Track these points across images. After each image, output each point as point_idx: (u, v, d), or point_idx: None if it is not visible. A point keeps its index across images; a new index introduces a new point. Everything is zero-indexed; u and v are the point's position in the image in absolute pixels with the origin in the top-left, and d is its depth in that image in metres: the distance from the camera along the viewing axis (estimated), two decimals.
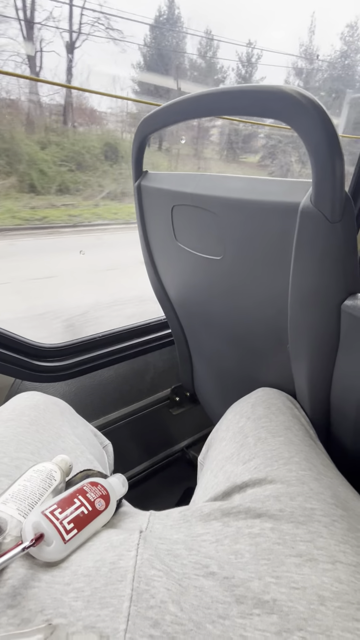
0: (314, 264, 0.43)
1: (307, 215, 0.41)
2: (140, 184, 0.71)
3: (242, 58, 6.61)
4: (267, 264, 0.51)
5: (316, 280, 0.44)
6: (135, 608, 0.28)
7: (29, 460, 0.44)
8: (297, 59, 7.01)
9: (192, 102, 0.50)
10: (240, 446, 0.49)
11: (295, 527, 0.35)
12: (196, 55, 5.39)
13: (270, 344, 0.60)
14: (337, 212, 0.39)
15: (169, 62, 4.91)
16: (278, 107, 0.39)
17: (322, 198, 0.39)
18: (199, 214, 0.58)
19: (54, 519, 0.33)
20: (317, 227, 0.40)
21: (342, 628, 0.27)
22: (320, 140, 0.37)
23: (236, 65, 6.54)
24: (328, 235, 0.40)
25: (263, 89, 0.40)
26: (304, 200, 0.41)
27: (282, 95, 0.38)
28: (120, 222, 3.15)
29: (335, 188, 0.38)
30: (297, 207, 0.41)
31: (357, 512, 0.38)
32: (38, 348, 0.85)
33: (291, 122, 0.39)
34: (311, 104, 0.37)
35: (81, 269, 2.30)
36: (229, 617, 0.29)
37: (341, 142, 0.37)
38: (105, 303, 1.80)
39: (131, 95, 4.20)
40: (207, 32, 5.58)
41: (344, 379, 0.50)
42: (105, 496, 0.38)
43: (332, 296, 0.45)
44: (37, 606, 0.28)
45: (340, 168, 0.37)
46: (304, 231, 0.42)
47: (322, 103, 0.37)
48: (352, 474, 0.47)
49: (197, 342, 0.88)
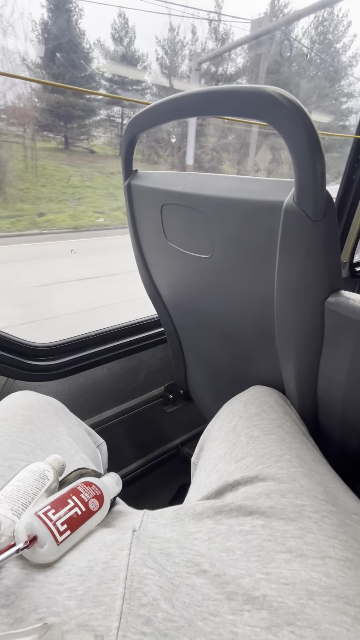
0: (298, 261, 0.44)
1: (290, 214, 0.41)
2: (130, 183, 0.71)
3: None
4: (254, 262, 0.51)
5: (300, 277, 0.45)
6: (127, 606, 0.28)
7: (22, 460, 0.44)
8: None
9: (179, 102, 0.51)
10: (233, 445, 0.49)
11: (285, 524, 0.35)
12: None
13: (259, 341, 0.61)
14: (319, 211, 0.40)
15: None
16: (260, 108, 0.40)
17: (304, 197, 0.40)
18: (187, 213, 0.58)
19: (48, 520, 0.33)
20: (300, 225, 0.41)
21: (330, 622, 0.28)
22: (301, 140, 0.38)
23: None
24: (311, 234, 0.41)
25: (246, 89, 0.41)
26: (287, 200, 0.41)
27: (263, 96, 0.39)
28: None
29: (316, 187, 0.39)
30: (281, 206, 0.42)
31: (347, 507, 0.39)
32: (31, 347, 0.85)
33: (273, 123, 0.39)
34: (292, 105, 0.37)
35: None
36: (220, 614, 0.29)
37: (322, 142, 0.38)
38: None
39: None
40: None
41: (329, 374, 0.51)
42: (99, 496, 0.38)
43: (316, 293, 0.46)
44: (31, 605, 0.28)
45: (321, 168, 0.38)
46: (287, 230, 0.43)
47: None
48: (341, 468, 0.48)
49: (190, 340, 0.88)
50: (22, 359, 0.82)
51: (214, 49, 6.17)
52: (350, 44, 7.31)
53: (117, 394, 1.02)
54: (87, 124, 5.78)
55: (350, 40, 7.26)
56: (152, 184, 0.65)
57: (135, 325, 1.02)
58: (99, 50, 5.32)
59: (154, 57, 6.13)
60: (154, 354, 1.06)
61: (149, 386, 1.10)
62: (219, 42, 6.15)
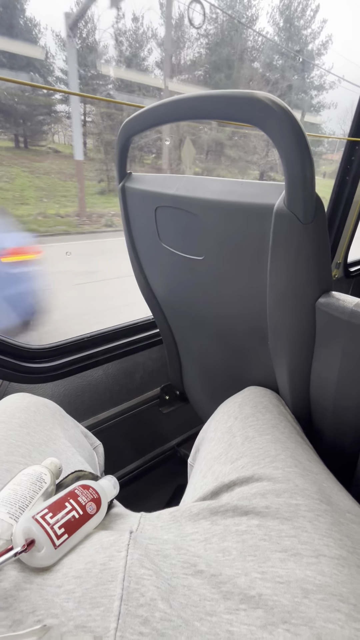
0: (289, 263, 0.45)
1: (281, 216, 0.42)
2: (124, 186, 0.71)
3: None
4: (246, 264, 0.52)
5: (291, 279, 0.46)
6: (125, 607, 0.28)
7: (19, 463, 0.44)
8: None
9: (171, 106, 0.51)
10: (229, 446, 0.50)
11: (280, 523, 0.36)
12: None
13: (253, 341, 0.62)
14: (309, 214, 0.41)
15: None
16: (250, 113, 0.40)
17: (294, 200, 0.40)
18: (181, 215, 0.59)
19: (45, 524, 0.33)
20: (291, 228, 0.42)
21: (324, 619, 0.28)
22: (290, 144, 0.38)
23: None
24: (301, 236, 0.42)
25: (237, 94, 0.41)
26: (277, 202, 0.42)
27: (254, 101, 0.39)
28: None
29: (306, 190, 0.40)
30: (272, 209, 0.43)
31: (341, 506, 0.39)
32: (25, 349, 0.84)
33: (263, 127, 0.40)
34: (281, 110, 0.38)
35: None
36: (216, 613, 0.29)
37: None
38: None
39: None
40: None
41: (321, 373, 0.52)
42: (97, 499, 0.39)
43: (307, 294, 0.47)
44: (29, 607, 0.28)
45: (310, 171, 0.39)
46: (278, 232, 0.43)
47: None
48: (335, 467, 0.48)
49: (185, 341, 0.88)
50: (17, 362, 0.82)
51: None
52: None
53: (113, 396, 1.02)
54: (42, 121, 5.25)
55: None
56: (145, 187, 0.65)
57: (131, 326, 1.02)
58: None
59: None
60: (149, 355, 1.06)
61: (145, 387, 1.10)
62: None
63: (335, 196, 1.34)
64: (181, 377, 1.02)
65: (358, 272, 1.61)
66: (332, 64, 7.34)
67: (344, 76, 7.39)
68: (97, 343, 0.95)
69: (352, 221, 1.39)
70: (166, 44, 5.01)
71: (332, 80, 6.79)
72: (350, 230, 1.41)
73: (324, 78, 6.75)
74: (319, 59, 6.94)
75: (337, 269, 1.50)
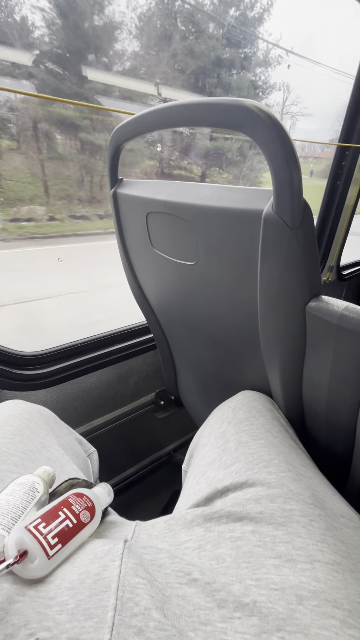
0: (278, 268, 0.45)
1: (269, 222, 0.43)
2: (116, 192, 0.71)
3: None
4: (236, 269, 0.52)
5: (281, 283, 0.47)
6: (119, 617, 0.28)
7: (12, 472, 0.43)
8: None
9: (162, 113, 0.52)
10: (222, 451, 0.49)
11: (274, 529, 0.36)
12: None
13: (246, 346, 0.62)
14: (296, 219, 0.41)
15: None
16: (238, 120, 0.41)
17: (282, 205, 0.41)
18: (172, 221, 0.59)
19: (38, 534, 0.32)
20: (279, 233, 0.42)
21: (319, 626, 0.28)
22: (277, 151, 0.39)
23: None
24: (289, 241, 0.42)
25: (225, 102, 0.42)
26: (266, 208, 0.43)
27: (241, 109, 0.40)
28: None
29: (293, 196, 0.40)
30: (261, 214, 0.43)
31: (335, 510, 0.39)
32: (18, 356, 0.84)
33: (251, 134, 0.41)
34: (268, 118, 0.38)
35: None
36: (210, 622, 0.29)
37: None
38: None
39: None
40: None
41: (313, 376, 0.52)
42: (91, 507, 0.38)
43: (297, 298, 0.47)
44: (21, 621, 0.27)
45: (297, 177, 0.40)
46: (267, 237, 0.44)
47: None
48: (329, 471, 0.48)
49: (179, 346, 0.88)
50: (10, 369, 0.81)
51: None
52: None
53: (107, 402, 1.02)
54: None
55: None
56: (137, 193, 0.66)
57: (125, 332, 1.02)
58: None
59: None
60: (144, 361, 1.06)
61: (139, 393, 1.09)
62: None
63: (327, 200, 1.35)
64: (176, 382, 1.01)
65: (351, 275, 1.62)
66: (280, 34, 5.85)
67: (293, 48, 6.41)
68: (91, 349, 0.95)
69: (344, 225, 1.41)
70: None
71: (279, 54, 5.40)
72: (342, 233, 1.42)
73: (272, 52, 5.34)
74: (261, 27, 5.40)
75: (330, 272, 1.52)
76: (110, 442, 1.06)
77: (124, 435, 1.09)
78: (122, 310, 1.17)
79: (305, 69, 5.67)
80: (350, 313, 0.44)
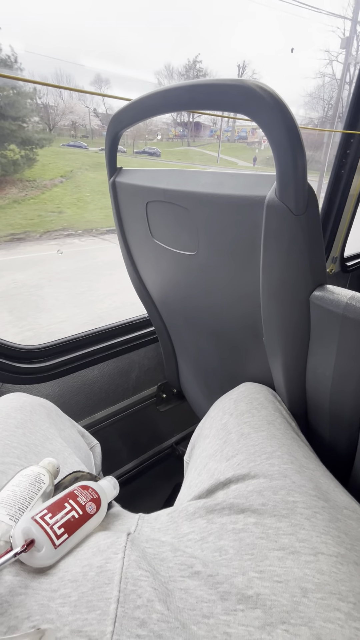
0: (282, 256, 0.44)
1: (272, 208, 0.41)
2: (115, 181, 0.70)
3: None
4: (238, 258, 0.51)
5: (284, 272, 0.45)
6: (122, 609, 0.28)
7: (15, 465, 0.43)
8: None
9: (160, 97, 0.50)
10: (224, 443, 0.49)
11: (278, 521, 0.35)
12: None
13: (248, 337, 0.61)
14: (300, 205, 0.40)
15: None
16: (240, 101, 0.39)
17: (285, 191, 0.39)
18: (172, 210, 0.58)
19: (45, 524, 0.32)
20: (283, 219, 0.41)
21: (324, 619, 0.28)
22: (281, 134, 0.37)
23: None
24: (293, 228, 0.41)
25: (226, 83, 0.40)
26: (269, 194, 0.41)
27: (243, 89, 0.38)
28: None
29: (297, 181, 0.38)
30: (263, 200, 0.42)
31: (338, 502, 0.39)
32: (19, 350, 0.83)
33: (253, 116, 0.39)
34: (272, 98, 0.36)
35: None
36: (214, 615, 0.29)
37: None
38: None
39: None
40: None
41: (317, 369, 0.51)
42: (96, 499, 0.38)
43: (301, 288, 0.46)
44: (24, 613, 0.28)
45: (301, 162, 0.38)
46: (270, 224, 0.42)
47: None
48: (331, 463, 0.48)
49: (180, 339, 0.88)
50: (11, 362, 0.80)
51: None
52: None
53: (109, 395, 1.02)
54: None
55: None
56: (136, 182, 0.64)
57: (126, 325, 1.02)
58: None
59: None
60: (145, 354, 1.06)
61: (141, 386, 1.09)
62: None
63: (331, 190, 1.33)
64: (177, 374, 1.01)
65: (355, 266, 1.61)
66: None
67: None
68: (92, 342, 0.94)
69: (349, 215, 1.39)
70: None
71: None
72: (346, 224, 1.40)
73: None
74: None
75: (334, 263, 1.50)
76: (113, 435, 1.06)
77: (126, 428, 1.09)
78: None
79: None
80: (356, 302, 0.43)
